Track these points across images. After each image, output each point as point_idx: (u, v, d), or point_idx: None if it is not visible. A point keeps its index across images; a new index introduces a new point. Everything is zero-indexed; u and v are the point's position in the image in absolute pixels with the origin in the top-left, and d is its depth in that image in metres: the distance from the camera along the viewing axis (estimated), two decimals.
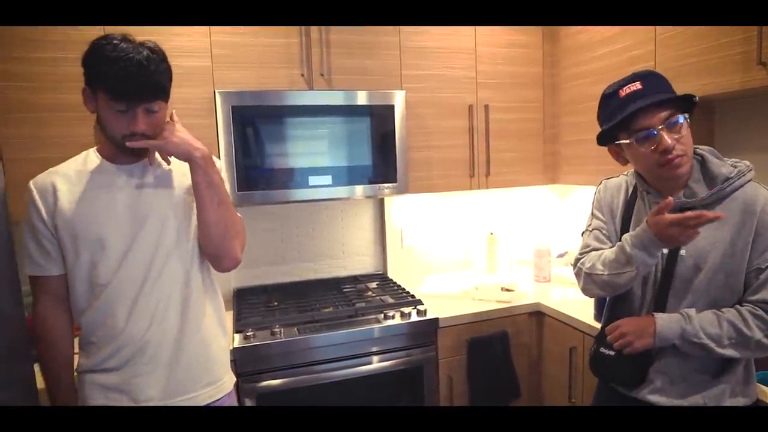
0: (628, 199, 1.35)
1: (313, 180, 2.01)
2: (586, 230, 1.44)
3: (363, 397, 1.90)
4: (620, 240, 1.27)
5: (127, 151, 1.18)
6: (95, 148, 1.26)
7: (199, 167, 1.18)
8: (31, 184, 1.19)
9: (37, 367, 1.27)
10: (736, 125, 1.85)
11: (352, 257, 2.52)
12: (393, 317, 1.93)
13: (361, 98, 2.04)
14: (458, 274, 2.57)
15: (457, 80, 2.26)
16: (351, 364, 1.86)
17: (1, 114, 1.69)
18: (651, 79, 1.20)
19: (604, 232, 1.38)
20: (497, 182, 2.36)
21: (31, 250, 1.20)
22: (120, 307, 1.19)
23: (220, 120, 1.88)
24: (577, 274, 1.39)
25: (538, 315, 2.14)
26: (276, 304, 2.11)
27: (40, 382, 1.27)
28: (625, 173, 1.42)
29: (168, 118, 1.21)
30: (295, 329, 1.86)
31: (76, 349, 1.29)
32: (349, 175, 2.05)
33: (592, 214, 1.44)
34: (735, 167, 1.21)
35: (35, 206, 1.18)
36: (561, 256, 2.59)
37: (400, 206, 2.56)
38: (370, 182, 2.07)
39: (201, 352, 1.26)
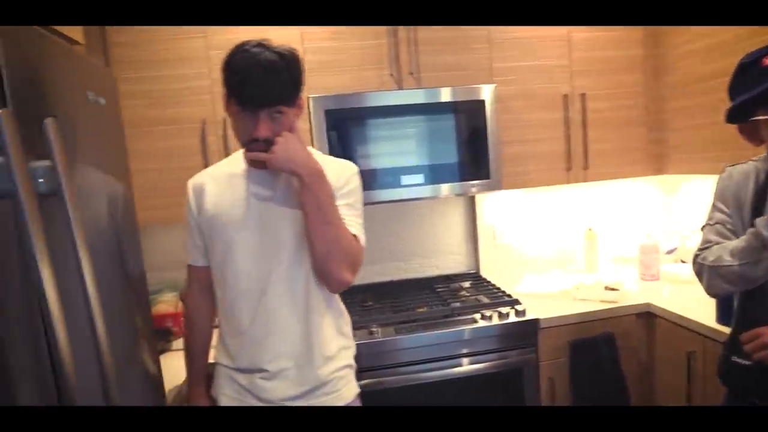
0: (759, 188, 1.22)
1: (405, 179, 2.01)
2: (707, 224, 1.32)
3: (461, 398, 1.87)
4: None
5: (250, 160, 1.21)
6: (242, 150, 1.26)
7: (305, 186, 1.13)
8: (189, 182, 1.30)
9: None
10: None
11: (443, 256, 2.50)
12: (490, 318, 1.89)
13: (448, 95, 2.01)
14: (555, 272, 2.49)
15: (550, 70, 2.18)
16: (446, 365, 1.84)
17: (128, 128, 1.82)
18: None
19: (728, 226, 1.26)
20: (596, 175, 2.25)
21: (188, 241, 1.32)
22: (244, 309, 1.24)
23: (314, 125, 1.93)
24: (699, 272, 1.28)
25: (648, 316, 2.00)
26: (371, 303, 2.13)
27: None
28: (754, 158, 1.29)
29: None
30: (392, 329, 1.87)
31: (214, 342, 1.38)
32: (439, 173, 2.03)
33: (714, 205, 1.32)
34: None
35: (189, 203, 1.29)
36: (670, 252, 2.41)
37: (492, 203, 2.51)
38: (461, 179, 2.05)
39: (322, 358, 1.27)
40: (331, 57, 2.00)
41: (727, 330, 1.58)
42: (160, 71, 1.89)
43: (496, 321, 1.89)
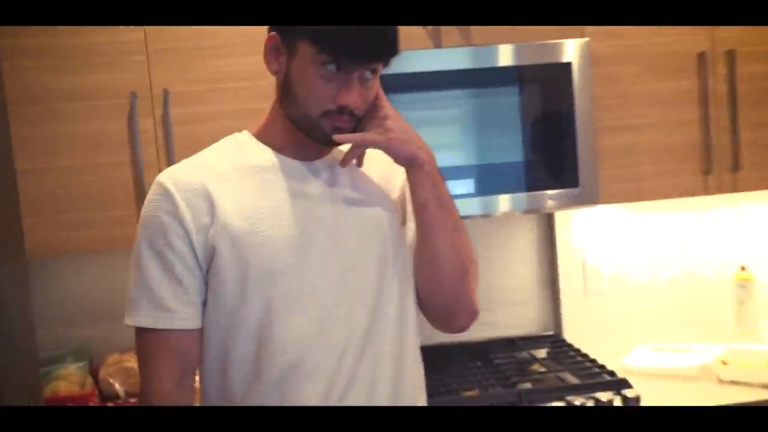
0: None
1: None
2: None
3: None
4: None
5: (323, 141, 1.11)
6: (247, 132, 1.18)
7: (427, 176, 1.11)
8: (167, 180, 1.09)
9: None
10: None
11: (504, 309, 2.38)
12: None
13: (512, 56, 1.94)
14: (686, 336, 2.29)
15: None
16: None
17: (14, 106, 1.68)
18: None
19: None
20: (753, 182, 2.10)
21: (154, 286, 1.07)
22: (312, 383, 1.08)
23: None
24: None
25: None
26: None
27: None
28: None
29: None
30: None
31: None
32: (497, 179, 1.98)
33: None
34: None
35: (177, 216, 1.06)
36: None
37: (582, 226, 2.34)
38: (530, 188, 1.98)
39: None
40: None
41: None
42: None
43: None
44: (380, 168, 1.18)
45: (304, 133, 1.10)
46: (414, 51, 1.86)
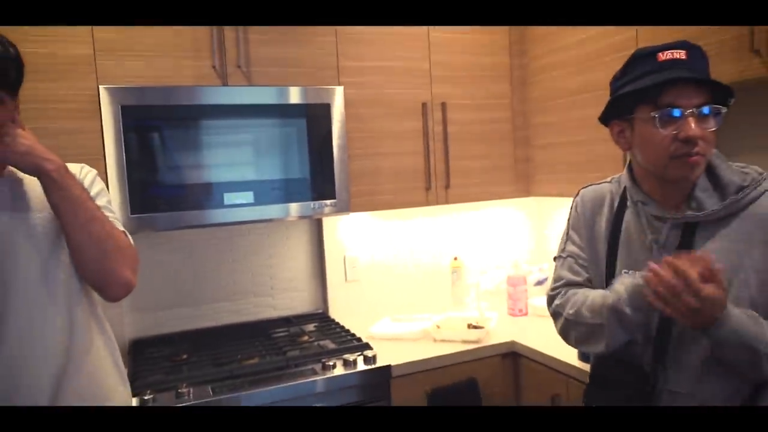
0: (614, 214, 1.34)
1: (228, 198, 1.99)
2: (559, 256, 1.44)
3: None
4: (605, 275, 1.26)
5: None
6: None
7: (54, 183, 1.18)
8: None
9: None
10: (731, 122, 1.92)
11: (283, 294, 2.50)
12: (334, 367, 1.91)
13: (284, 95, 2.06)
14: (418, 309, 2.58)
15: (407, 73, 2.30)
16: None
17: None
18: (696, 53, 1.20)
19: (580, 261, 1.38)
20: (459, 195, 2.41)
21: None
22: None
23: (106, 123, 1.84)
24: (553, 316, 1.39)
25: (513, 356, 2.15)
26: (185, 357, 2.05)
27: None
28: (608, 179, 1.42)
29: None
30: (209, 388, 1.80)
31: None
32: (277, 191, 2.05)
33: (567, 235, 1.44)
34: (745, 173, 1.23)
35: None
36: (540, 283, 2.63)
37: (343, 230, 2.56)
38: (304, 199, 2.09)
39: (88, 397, 1.28)
40: (129, 35, 1.91)
41: (587, 367, 1.75)
42: None
43: (340, 371, 1.91)
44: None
45: None
46: (205, 87, 1.94)
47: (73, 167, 1.31)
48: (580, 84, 2.18)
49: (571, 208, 1.46)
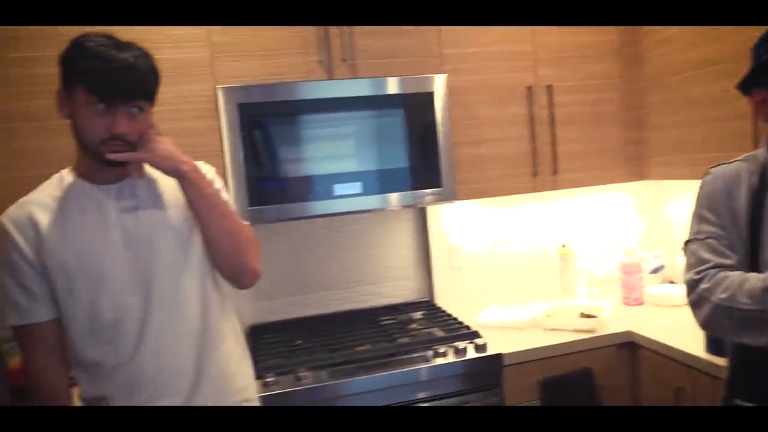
0: (755, 193, 1.25)
1: (339, 189, 2.03)
2: (694, 239, 1.33)
3: None
4: (750, 260, 1.18)
5: (106, 163, 1.24)
6: (69, 168, 1.34)
7: (191, 183, 1.28)
8: (4, 219, 1.26)
9: None
10: None
11: (390, 282, 2.53)
12: (445, 354, 1.93)
13: (392, 86, 2.08)
14: (525, 297, 2.54)
15: (511, 57, 2.26)
16: None
17: None
18: None
19: (724, 241, 1.27)
20: (567, 181, 2.35)
21: (14, 296, 1.26)
22: (126, 343, 1.27)
23: (224, 122, 1.93)
24: (697, 303, 1.27)
25: (630, 347, 2.07)
26: (300, 343, 2.13)
27: None
28: (740, 157, 1.33)
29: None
30: (325, 372, 1.86)
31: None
32: (383, 181, 2.08)
33: (700, 216, 1.34)
34: None
35: (14, 244, 1.24)
36: (656, 271, 2.51)
37: (448, 217, 2.56)
38: (409, 188, 2.11)
39: (223, 378, 1.37)
40: (242, 38, 1.99)
41: (718, 360, 1.65)
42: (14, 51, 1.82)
43: (451, 358, 1.92)
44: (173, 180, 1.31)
45: (95, 160, 1.24)
46: (313, 81, 2.00)
47: (203, 166, 1.40)
48: (701, 56, 2.04)
49: (701, 188, 1.37)
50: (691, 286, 1.28)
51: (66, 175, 1.32)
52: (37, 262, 1.24)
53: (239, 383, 1.42)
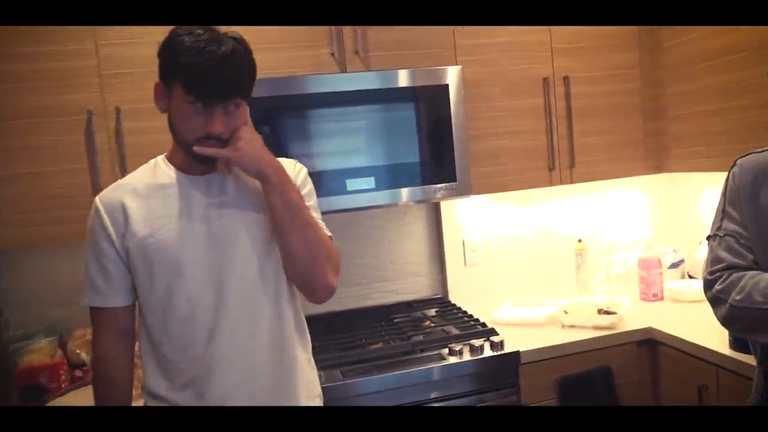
0: None
1: (352, 184, 2.04)
2: (715, 234, 1.33)
3: None
4: None
5: (198, 158, 1.26)
6: (164, 155, 1.36)
7: (274, 187, 1.26)
8: (98, 200, 1.30)
9: None
10: None
11: (403, 278, 2.54)
12: (460, 353, 1.92)
13: (406, 78, 2.08)
14: (540, 294, 2.55)
15: (526, 47, 2.26)
16: None
17: None
18: None
19: (742, 240, 1.27)
20: (585, 175, 2.35)
21: (94, 277, 1.30)
22: (198, 339, 1.28)
23: None
24: (715, 302, 1.29)
25: (650, 344, 2.07)
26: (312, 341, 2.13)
27: None
28: None
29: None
30: (338, 372, 1.87)
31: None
32: (396, 176, 2.09)
33: (723, 210, 1.33)
34: None
35: (103, 226, 1.27)
36: (675, 266, 2.51)
37: (462, 212, 2.56)
38: (423, 183, 2.11)
39: (295, 386, 1.38)
40: (250, 30, 1.97)
41: (744, 358, 1.65)
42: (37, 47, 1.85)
43: (467, 356, 1.92)
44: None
45: (188, 154, 1.26)
46: (325, 74, 2.00)
47: (287, 164, 1.38)
48: (721, 45, 2.03)
49: (727, 180, 1.35)
50: (707, 285, 1.31)
51: (160, 163, 1.34)
52: (121, 248, 1.27)
53: (313, 391, 1.43)
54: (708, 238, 1.37)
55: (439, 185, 2.11)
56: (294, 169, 1.40)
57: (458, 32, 2.17)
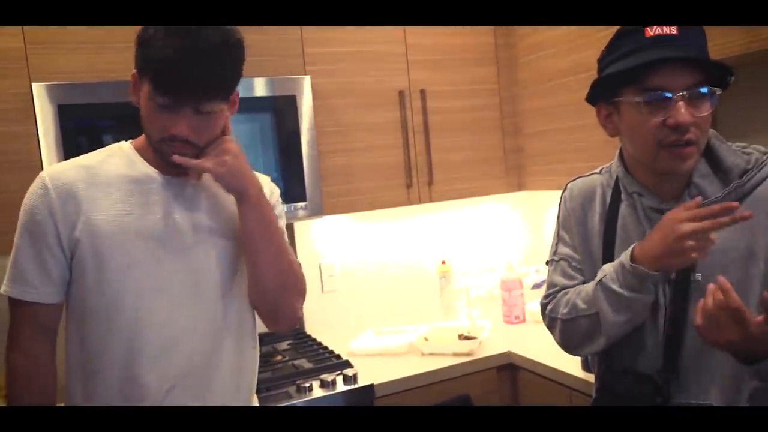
0: (608, 208, 1.30)
1: None
2: (551, 259, 1.40)
3: None
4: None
5: (165, 160, 1.20)
6: (130, 144, 1.27)
7: (253, 208, 1.21)
8: (47, 178, 1.19)
9: None
10: (735, 102, 1.87)
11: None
12: (310, 389, 1.88)
13: (257, 87, 2.05)
14: (404, 319, 2.55)
15: (380, 58, 2.26)
16: None
17: None
18: (690, 29, 1.15)
19: (574, 263, 1.34)
20: (444, 192, 2.38)
21: (25, 266, 1.20)
22: (145, 355, 1.20)
23: (41, 127, 1.77)
24: (550, 326, 1.35)
25: (510, 369, 2.11)
26: None
27: None
28: (598, 170, 1.38)
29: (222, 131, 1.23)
30: None
31: None
32: None
33: (558, 234, 1.40)
34: (746, 154, 1.19)
35: (50, 210, 1.18)
36: (537, 286, 2.57)
37: (316, 235, 2.52)
38: None
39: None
40: (63, 27, 1.82)
41: (592, 378, 1.69)
42: None
43: (318, 393, 1.87)
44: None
45: (156, 153, 1.20)
46: None
47: (263, 180, 1.32)
48: (571, 64, 2.12)
49: (560, 205, 1.41)
50: (542, 310, 1.38)
51: (129, 153, 1.25)
52: (68, 238, 1.18)
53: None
54: (547, 263, 1.42)
55: (289, 204, 2.06)
56: (268, 186, 1.35)
57: (306, 39, 2.13)
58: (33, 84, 1.76)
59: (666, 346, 1.19)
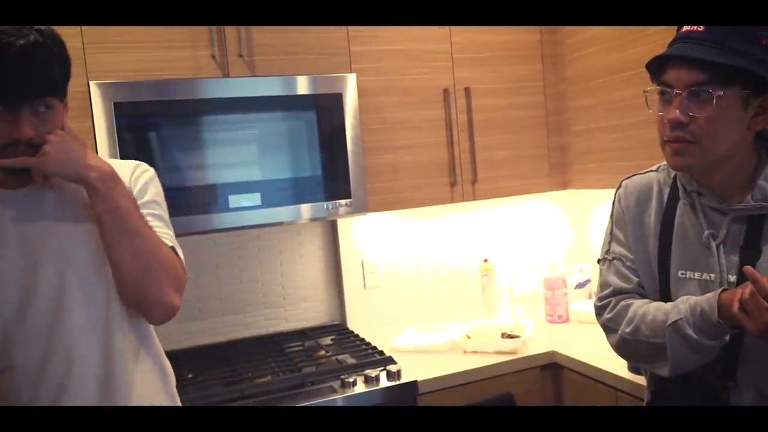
0: (665, 207, 1.30)
1: (234, 200, 1.99)
2: (603, 258, 1.39)
3: None
4: (658, 278, 1.23)
5: (8, 169, 1.18)
6: None
7: (98, 192, 1.19)
8: None
9: None
10: None
11: (296, 304, 2.51)
12: (354, 384, 1.91)
13: (291, 86, 2.07)
14: (445, 316, 2.57)
15: (425, 56, 2.29)
16: None
17: None
18: (720, 28, 1.14)
19: (628, 263, 1.33)
20: (487, 191, 2.40)
21: None
22: (23, 372, 1.19)
23: (98, 122, 1.85)
24: (608, 333, 1.33)
25: (554, 368, 2.13)
26: (191, 377, 2.06)
27: None
28: (654, 167, 1.38)
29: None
30: None
31: None
32: (287, 192, 2.07)
33: (611, 233, 1.38)
34: None
35: None
36: (581, 286, 2.60)
37: (359, 231, 2.56)
38: (315, 200, 2.10)
39: None
40: (121, 27, 1.91)
41: (641, 380, 1.71)
42: None
43: (362, 388, 1.91)
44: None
45: None
46: (204, 79, 1.96)
47: (125, 166, 1.32)
48: (619, 61, 2.14)
49: (614, 202, 1.41)
50: (597, 312, 1.36)
51: None
52: None
53: None
54: (598, 261, 1.42)
55: (333, 201, 2.11)
56: (135, 172, 1.32)
57: (352, 38, 2.18)
58: (90, 82, 1.84)
59: (724, 352, 1.17)
